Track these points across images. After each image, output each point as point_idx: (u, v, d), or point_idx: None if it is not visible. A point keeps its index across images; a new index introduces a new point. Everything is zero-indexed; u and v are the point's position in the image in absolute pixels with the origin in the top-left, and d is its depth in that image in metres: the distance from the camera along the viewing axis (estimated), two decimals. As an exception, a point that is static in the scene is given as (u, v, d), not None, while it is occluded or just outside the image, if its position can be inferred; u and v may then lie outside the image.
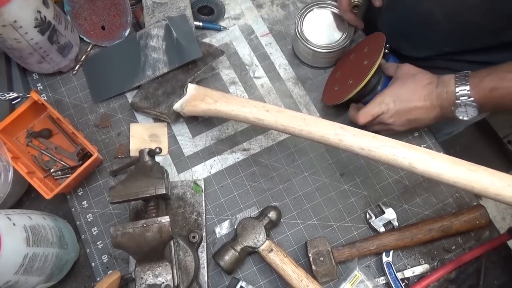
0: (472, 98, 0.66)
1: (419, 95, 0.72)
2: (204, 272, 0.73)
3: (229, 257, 0.70)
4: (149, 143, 0.82)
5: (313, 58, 0.86)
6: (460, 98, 0.67)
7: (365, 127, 0.78)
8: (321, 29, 0.84)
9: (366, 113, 0.75)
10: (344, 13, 0.81)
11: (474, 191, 0.58)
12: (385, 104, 0.73)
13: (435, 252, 0.77)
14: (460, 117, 0.69)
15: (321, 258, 0.72)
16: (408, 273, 0.75)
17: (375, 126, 0.78)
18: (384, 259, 0.74)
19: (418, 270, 0.75)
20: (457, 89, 0.67)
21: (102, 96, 0.85)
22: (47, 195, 0.71)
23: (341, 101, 0.77)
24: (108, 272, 0.74)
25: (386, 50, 0.84)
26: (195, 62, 0.82)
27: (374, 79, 0.77)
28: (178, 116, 0.83)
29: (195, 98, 0.78)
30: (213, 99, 0.75)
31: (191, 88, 0.79)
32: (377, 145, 0.63)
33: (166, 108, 0.79)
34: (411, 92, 0.72)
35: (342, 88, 0.79)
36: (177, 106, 0.78)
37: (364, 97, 0.80)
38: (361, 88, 0.74)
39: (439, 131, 0.89)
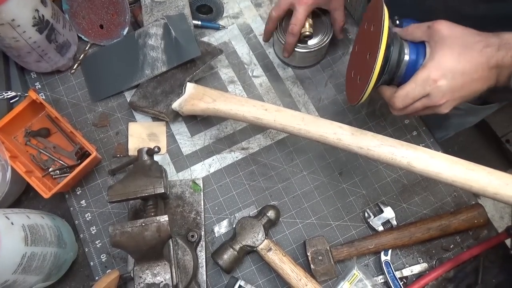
0: None
1: (476, 64, 0.57)
2: (203, 271, 0.73)
3: (228, 256, 0.70)
4: (147, 142, 0.82)
5: (299, 59, 0.85)
6: None
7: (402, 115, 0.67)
8: None
9: (405, 96, 0.60)
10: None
11: (472, 190, 0.58)
12: (432, 81, 0.58)
13: (434, 251, 0.77)
14: None
15: (320, 257, 0.72)
16: (407, 272, 0.75)
17: (421, 111, 0.63)
18: (383, 258, 0.74)
19: (417, 269, 0.75)
20: None
21: (100, 95, 0.85)
22: (46, 194, 0.71)
23: (365, 92, 0.62)
24: (107, 271, 0.74)
25: (397, 18, 0.68)
26: (194, 61, 0.82)
27: (394, 50, 0.61)
28: (176, 115, 0.83)
29: (193, 97, 0.77)
30: (212, 98, 0.75)
31: (190, 87, 0.79)
32: (376, 144, 0.63)
33: (164, 107, 0.79)
34: (466, 60, 0.57)
35: (363, 79, 0.64)
36: (175, 105, 0.78)
37: (395, 76, 0.64)
38: (381, 66, 0.59)
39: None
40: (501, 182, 0.57)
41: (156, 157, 0.79)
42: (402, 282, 0.74)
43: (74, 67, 0.86)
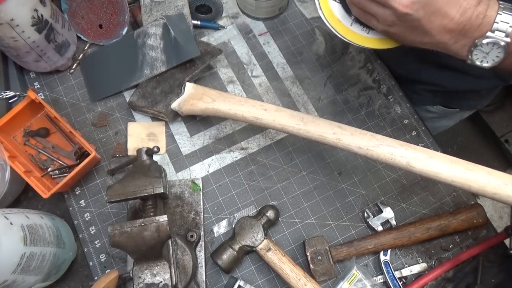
0: (508, 39, 0.51)
1: (456, 5, 0.52)
2: (202, 271, 0.73)
3: (227, 256, 0.70)
4: (147, 142, 0.82)
5: (256, 9, 0.87)
6: (496, 32, 0.51)
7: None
8: None
9: None
10: None
11: (471, 190, 0.58)
12: None
13: (433, 251, 0.77)
14: (476, 62, 0.54)
15: (319, 257, 0.72)
16: (406, 271, 0.75)
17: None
18: (382, 258, 0.74)
19: (416, 269, 0.75)
20: (499, 18, 0.51)
21: (99, 95, 0.85)
22: (45, 194, 0.71)
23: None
24: (106, 271, 0.74)
25: None
26: (193, 61, 0.82)
27: None
28: (176, 115, 0.83)
29: (193, 97, 0.77)
30: (211, 98, 0.75)
31: (189, 87, 0.79)
32: (375, 144, 0.63)
33: (163, 107, 0.79)
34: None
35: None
36: (175, 105, 0.78)
37: None
38: None
39: None
40: (500, 182, 0.57)
41: (156, 157, 0.79)
42: (401, 282, 0.74)
43: (73, 67, 0.86)
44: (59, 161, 0.80)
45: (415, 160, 0.61)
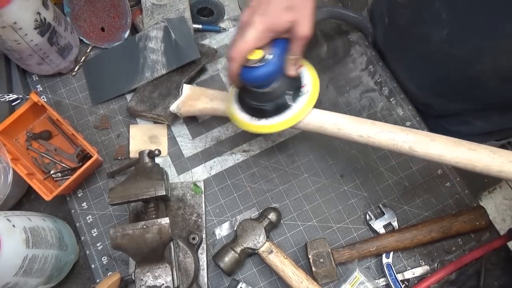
0: None
1: None
2: (204, 273, 0.73)
3: (229, 258, 0.70)
4: (148, 145, 0.82)
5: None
6: None
7: None
8: None
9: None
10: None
11: (476, 170, 0.56)
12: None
13: (435, 254, 0.77)
14: None
15: (321, 260, 0.72)
16: (408, 274, 0.75)
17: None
18: (384, 260, 0.74)
19: (418, 271, 0.75)
20: None
21: (101, 98, 0.85)
22: (47, 196, 0.71)
23: None
24: (108, 274, 0.74)
25: None
26: (190, 63, 0.82)
27: None
28: (175, 118, 0.83)
29: (191, 98, 0.77)
30: (209, 98, 0.75)
31: (187, 88, 0.79)
32: (376, 131, 0.61)
33: (162, 110, 0.79)
34: None
35: None
36: (173, 107, 0.78)
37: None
38: None
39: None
40: (504, 159, 0.55)
41: (157, 160, 0.79)
42: (403, 285, 0.74)
43: (76, 70, 0.87)
44: (62, 164, 0.80)
45: (417, 144, 0.59)
